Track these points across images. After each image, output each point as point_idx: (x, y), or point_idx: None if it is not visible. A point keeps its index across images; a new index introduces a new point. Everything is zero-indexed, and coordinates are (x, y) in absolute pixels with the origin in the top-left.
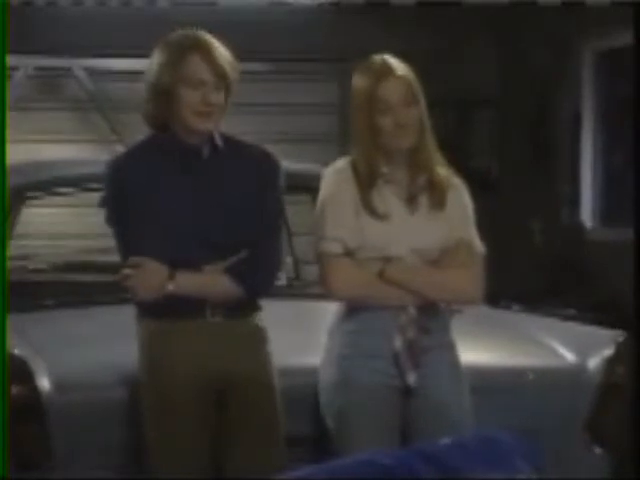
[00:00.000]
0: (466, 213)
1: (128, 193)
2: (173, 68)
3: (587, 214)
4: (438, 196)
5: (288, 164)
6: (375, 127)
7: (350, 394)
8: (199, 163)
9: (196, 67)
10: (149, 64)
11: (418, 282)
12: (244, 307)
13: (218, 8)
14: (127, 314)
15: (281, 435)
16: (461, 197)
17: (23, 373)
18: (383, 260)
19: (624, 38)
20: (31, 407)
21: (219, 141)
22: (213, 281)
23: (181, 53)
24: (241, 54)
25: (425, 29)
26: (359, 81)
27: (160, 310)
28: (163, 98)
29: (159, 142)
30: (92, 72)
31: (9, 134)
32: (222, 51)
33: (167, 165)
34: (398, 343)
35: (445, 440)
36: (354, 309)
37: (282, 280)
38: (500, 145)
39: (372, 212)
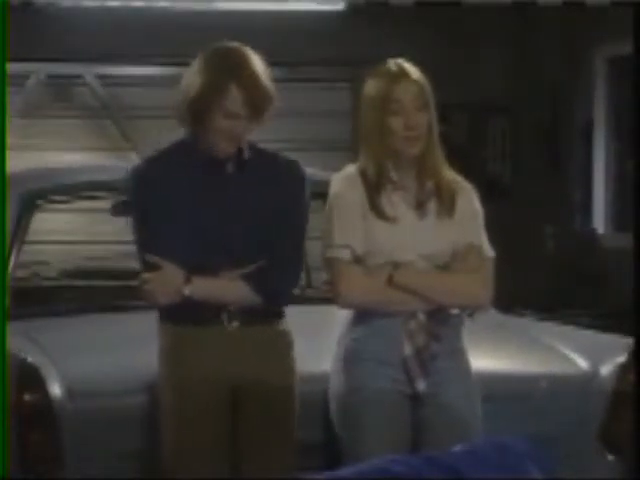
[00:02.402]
0: (476, 217)
1: (150, 199)
2: (213, 94)
3: (599, 220)
4: (447, 201)
5: None
6: (386, 128)
7: (359, 400)
8: (223, 170)
9: (236, 101)
10: (190, 72)
11: (427, 287)
12: (263, 314)
13: (232, 13)
14: (139, 321)
15: (295, 440)
16: (471, 202)
17: (35, 380)
18: (392, 266)
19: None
20: (42, 413)
21: (246, 151)
22: (229, 286)
23: (225, 81)
24: None
25: (439, 36)
26: (374, 83)
27: (179, 315)
28: (196, 113)
29: (184, 149)
30: (104, 79)
31: (17, 140)
32: (263, 76)
33: (191, 171)
34: (407, 349)
35: (456, 446)
36: (363, 315)
37: None
38: (513, 151)
39: (380, 215)
